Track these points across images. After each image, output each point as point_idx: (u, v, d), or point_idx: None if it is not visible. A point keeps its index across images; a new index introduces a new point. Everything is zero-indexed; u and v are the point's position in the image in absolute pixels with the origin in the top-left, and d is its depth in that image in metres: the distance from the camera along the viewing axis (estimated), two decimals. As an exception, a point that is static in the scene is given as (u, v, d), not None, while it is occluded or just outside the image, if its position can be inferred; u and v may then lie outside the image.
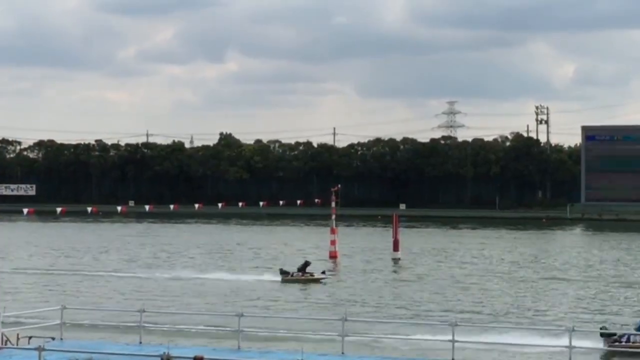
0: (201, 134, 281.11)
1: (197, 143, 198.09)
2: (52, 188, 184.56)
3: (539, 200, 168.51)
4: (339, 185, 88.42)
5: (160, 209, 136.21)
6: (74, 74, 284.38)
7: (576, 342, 26.88)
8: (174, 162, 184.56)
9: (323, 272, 59.38)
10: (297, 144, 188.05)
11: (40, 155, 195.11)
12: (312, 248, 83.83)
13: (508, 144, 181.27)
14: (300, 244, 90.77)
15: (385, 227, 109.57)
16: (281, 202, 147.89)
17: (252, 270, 65.63)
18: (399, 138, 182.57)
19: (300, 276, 58.15)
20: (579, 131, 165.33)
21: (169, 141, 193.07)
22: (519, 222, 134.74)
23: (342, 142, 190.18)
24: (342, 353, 26.80)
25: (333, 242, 74.15)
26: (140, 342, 28.21)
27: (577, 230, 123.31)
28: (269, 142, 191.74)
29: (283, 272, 58.73)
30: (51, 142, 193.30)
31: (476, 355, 32.77)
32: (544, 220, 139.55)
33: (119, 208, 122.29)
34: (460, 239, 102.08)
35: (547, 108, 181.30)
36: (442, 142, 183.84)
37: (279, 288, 55.93)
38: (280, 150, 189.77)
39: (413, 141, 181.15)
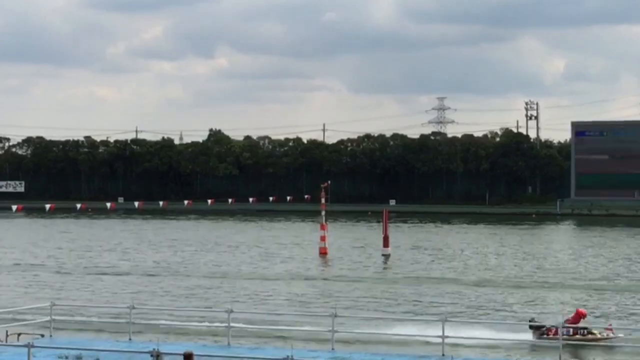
0: (190, 130, 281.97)
1: (187, 139, 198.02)
2: (41, 185, 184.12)
3: (529, 195, 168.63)
4: (329, 182, 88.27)
5: (149, 205, 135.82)
6: (62, 71, 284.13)
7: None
8: (163, 158, 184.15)
9: None
10: (287, 140, 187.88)
11: (28, 152, 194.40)
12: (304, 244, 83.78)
13: (498, 139, 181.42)
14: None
15: (375, 223, 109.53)
16: (271, 199, 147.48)
17: None
18: (388, 134, 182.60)
19: None
20: (569, 127, 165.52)
21: (158, 138, 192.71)
22: (508, 217, 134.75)
23: (331, 138, 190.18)
24: (332, 349, 26.74)
25: (323, 238, 74.07)
26: (130, 339, 28.10)
27: (566, 226, 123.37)
28: (259, 138, 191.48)
29: None
30: (40, 139, 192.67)
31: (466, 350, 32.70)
32: (533, 215, 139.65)
33: (108, 204, 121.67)
34: (449, 234, 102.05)
35: (537, 104, 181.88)
36: (432, 138, 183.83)
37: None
38: (270, 147, 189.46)
39: (403, 137, 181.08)
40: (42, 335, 28.45)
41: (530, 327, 35.72)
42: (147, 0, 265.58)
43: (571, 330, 34.99)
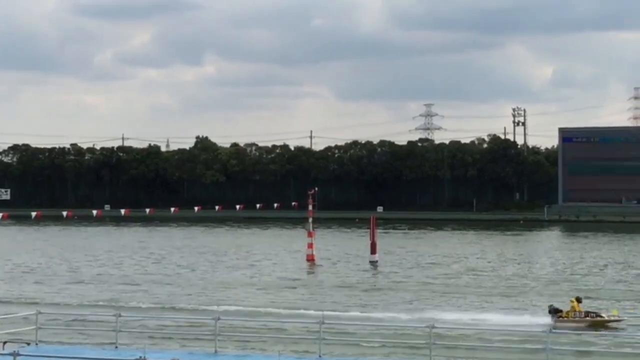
0: (177, 137, 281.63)
1: (174, 147, 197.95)
2: (27, 192, 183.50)
3: (516, 202, 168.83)
4: (316, 188, 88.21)
5: (136, 213, 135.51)
6: (50, 78, 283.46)
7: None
8: (150, 165, 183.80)
9: None
10: (274, 147, 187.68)
11: (14, 159, 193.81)
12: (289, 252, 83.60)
13: (485, 146, 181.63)
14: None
15: (363, 230, 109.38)
16: (258, 206, 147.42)
17: None
18: (376, 141, 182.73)
19: None
20: (556, 133, 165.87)
21: (144, 145, 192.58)
22: (496, 224, 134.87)
23: (319, 145, 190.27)
24: (320, 356, 26.59)
25: (310, 246, 73.93)
26: (116, 347, 27.90)
27: (554, 232, 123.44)
28: (246, 145, 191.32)
29: None
30: (26, 146, 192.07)
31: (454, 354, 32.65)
32: (521, 222, 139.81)
33: (94, 212, 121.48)
34: (437, 241, 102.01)
35: (524, 110, 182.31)
36: (420, 144, 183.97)
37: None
38: (257, 154, 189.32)
39: (390, 144, 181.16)
40: (28, 344, 28.21)
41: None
42: (135, 7, 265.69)
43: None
